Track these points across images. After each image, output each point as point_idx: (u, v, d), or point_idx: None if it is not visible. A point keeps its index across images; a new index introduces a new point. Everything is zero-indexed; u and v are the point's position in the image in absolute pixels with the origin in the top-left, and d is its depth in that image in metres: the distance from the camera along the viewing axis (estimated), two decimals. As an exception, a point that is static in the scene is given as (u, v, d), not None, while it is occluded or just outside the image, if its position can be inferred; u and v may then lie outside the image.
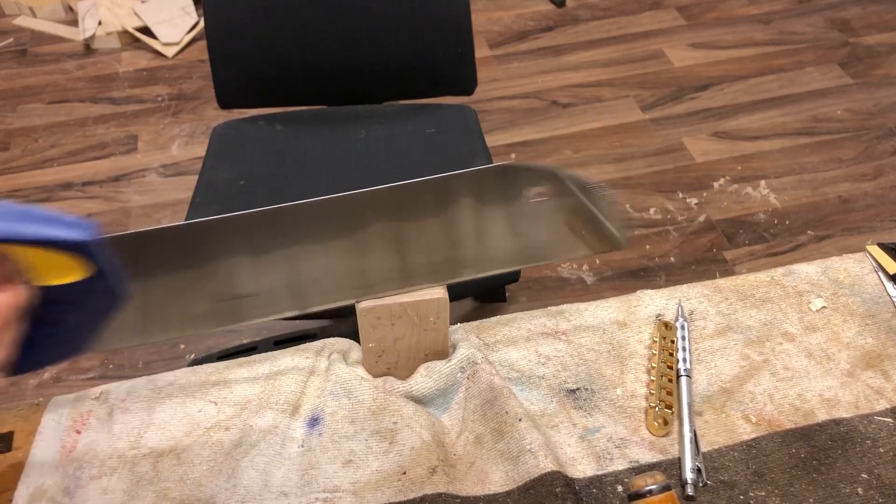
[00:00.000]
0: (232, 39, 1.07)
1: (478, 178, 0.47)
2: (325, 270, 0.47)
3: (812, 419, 0.52)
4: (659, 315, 0.58)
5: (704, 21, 2.16)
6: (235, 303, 0.47)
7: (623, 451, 0.50)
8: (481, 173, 0.47)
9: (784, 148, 1.76)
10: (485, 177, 0.47)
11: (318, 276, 0.48)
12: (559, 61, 2.04)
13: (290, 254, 0.46)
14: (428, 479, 0.49)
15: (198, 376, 0.55)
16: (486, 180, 0.47)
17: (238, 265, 0.46)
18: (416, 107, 1.16)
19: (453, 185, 0.46)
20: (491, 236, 0.49)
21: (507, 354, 0.56)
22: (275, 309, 0.48)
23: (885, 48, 2.03)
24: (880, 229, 1.57)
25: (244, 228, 0.44)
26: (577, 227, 0.50)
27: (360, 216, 0.46)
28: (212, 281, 0.46)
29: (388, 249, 0.48)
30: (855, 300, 0.59)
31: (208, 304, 0.47)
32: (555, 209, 0.49)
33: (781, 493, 0.47)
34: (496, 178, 0.47)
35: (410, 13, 1.07)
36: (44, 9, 2.21)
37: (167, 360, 1.40)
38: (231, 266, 0.45)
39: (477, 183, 0.47)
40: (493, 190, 0.47)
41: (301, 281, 0.47)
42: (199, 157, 1.78)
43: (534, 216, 0.49)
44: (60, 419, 0.52)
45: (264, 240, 0.45)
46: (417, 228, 0.47)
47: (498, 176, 0.47)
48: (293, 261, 0.46)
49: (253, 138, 1.11)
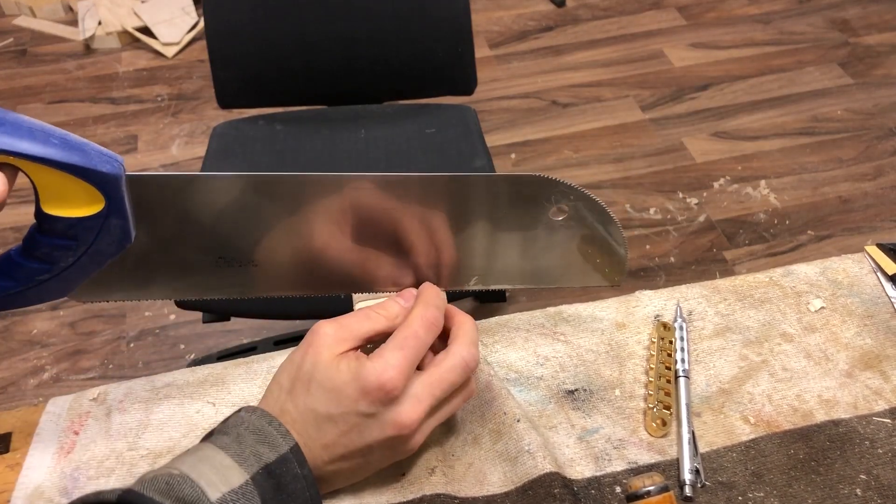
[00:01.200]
0: (232, 39, 1.07)
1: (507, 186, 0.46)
2: (333, 256, 0.47)
3: (811, 420, 0.52)
4: (657, 315, 0.58)
5: (704, 21, 2.16)
6: (239, 272, 0.46)
7: (621, 452, 0.50)
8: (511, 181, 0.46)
9: (784, 148, 1.76)
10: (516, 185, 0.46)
11: (325, 261, 0.47)
12: (559, 61, 2.04)
13: (304, 230, 0.45)
14: (427, 480, 0.49)
15: (196, 377, 0.55)
16: (516, 188, 0.46)
17: (248, 231, 0.44)
18: (416, 107, 1.16)
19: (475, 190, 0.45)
20: (505, 247, 0.49)
21: (505, 355, 0.56)
22: (278, 286, 0.48)
23: (885, 48, 2.03)
24: (880, 229, 1.57)
25: (262, 192, 0.43)
26: (591, 257, 0.50)
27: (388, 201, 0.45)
28: (220, 244, 0.45)
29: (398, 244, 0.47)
30: (854, 301, 0.59)
31: (213, 267, 0.45)
32: (575, 234, 0.48)
33: (780, 493, 0.47)
34: (524, 187, 0.46)
35: (410, 13, 1.07)
36: (44, 9, 2.21)
37: (167, 360, 1.40)
38: (242, 231, 0.44)
39: (502, 191, 0.46)
40: (516, 202, 0.46)
41: (308, 262, 0.47)
42: (199, 157, 1.78)
43: (552, 235, 0.48)
44: (58, 420, 0.52)
45: (280, 209, 0.44)
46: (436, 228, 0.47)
47: (527, 186, 0.46)
48: (305, 239, 0.45)
49: (253, 138, 1.11)
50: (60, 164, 0.34)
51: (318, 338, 0.44)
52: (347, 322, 0.45)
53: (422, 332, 0.44)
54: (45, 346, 1.42)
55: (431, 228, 0.47)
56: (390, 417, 0.42)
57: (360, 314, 0.46)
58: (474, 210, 0.46)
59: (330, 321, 0.44)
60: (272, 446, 0.41)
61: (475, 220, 0.47)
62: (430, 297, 0.46)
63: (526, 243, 0.49)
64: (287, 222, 0.45)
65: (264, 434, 0.41)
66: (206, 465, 0.39)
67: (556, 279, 0.51)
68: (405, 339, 0.43)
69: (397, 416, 0.42)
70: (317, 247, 0.46)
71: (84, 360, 1.40)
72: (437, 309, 0.45)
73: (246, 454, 0.40)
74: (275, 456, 0.40)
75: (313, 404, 0.42)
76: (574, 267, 0.50)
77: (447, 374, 0.44)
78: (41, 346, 1.42)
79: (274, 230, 0.45)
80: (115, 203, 0.37)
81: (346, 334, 0.44)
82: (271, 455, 0.40)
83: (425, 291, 0.47)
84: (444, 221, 0.46)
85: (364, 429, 0.42)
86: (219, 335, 1.43)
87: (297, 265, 0.47)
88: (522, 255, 0.49)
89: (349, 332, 0.44)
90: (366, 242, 0.46)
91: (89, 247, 0.38)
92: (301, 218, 0.44)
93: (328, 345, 0.43)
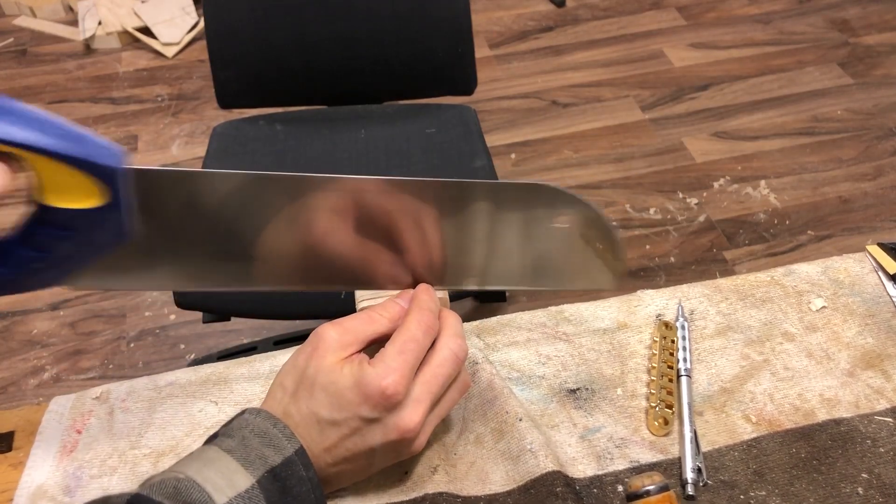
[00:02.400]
0: (232, 39, 1.07)
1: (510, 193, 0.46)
2: (334, 252, 0.47)
3: (812, 419, 0.52)
4: (659, 315, 0.58)
5: (704, 21, 2.16)
6: (241, 266, 0.46)
7: (623, 451, 0.50)
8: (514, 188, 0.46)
9: (784, 148, 1.76)
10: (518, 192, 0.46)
11: (327, 257, 0.47)
12: (559, 61, 2.04)
13: (306, 227, 0.45)
14: (429, 479, 0.49)
15: (198, 376, 0.55)
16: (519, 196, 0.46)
17: (249, 226, 0.44)
18: (416, 107, 1.16)
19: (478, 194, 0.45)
20: (504, 251, 0.49)
21: (507, 354, 0.56)
22: (278, 280, 0.48)
23: (885, 48, 2.03)
24: (880, 229, 1.57)
25: (266, 190, 0.43)
26: (590, 261, 0.49)
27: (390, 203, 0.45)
28: (222, 238, 0.45)
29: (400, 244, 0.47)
30: (855, 300, 0.59)
31: (213, 261, 0.45)
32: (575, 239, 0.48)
33: (782, 492, 0.47)
34: (527, 195, 0.46)
35: (410, 13, 1.07)
36: (44, 9, 2.21)
37: (167, 360, 1.40)
38: (243, 226, 0.44)
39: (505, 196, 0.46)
40: (519, 205, 0.46)
41: (310, 258, 0.47)
42: (199, 157, 1.78)
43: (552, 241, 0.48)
44: (61, 419, 0.52)
45: (283, 206, 0.44)
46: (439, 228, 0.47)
47: (529, 193, 0.46)
48: (307, 235, 0.45)
49: (253, 138, 1.11)
50: (59, 154, 0.33)
51: (322, 342, 0.44)
52: (351, 325, 0.45)
53: (420, 335, 0.44)
54: (45, 346, 1.42)
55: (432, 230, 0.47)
56: (393, 422, 0.42)
57: (363, 317, 0.46)
58: (474, 213, 0.47)
59: (333, 324, 0.44)
60: (277, 449, 0.41)
61: (475, 223, 0.47)
62: (425, 302, 0.46)
63: (526, 246, 0.49)
64: (289, 219, 0.45)
65: (269, 437, 0.41)
66: (212, 470, 0.39)
67: (556, 282, 0.51)
68: (405, 344, 0.43)
69: (400, 421, 0.42)
70: (318, 243, 0.46)
71: (84, 360, 1.40)
72: (433, 313, 0.46)
73: (251, 457, 0.40)
74: (280, 459, 0.40)
75: (316, 408, 0.42)
76: (573, 270, 0.50)
77: (439, 368, 0.44)
78: (41, 346, 1.42)
79: (276, 226, 0.45)
80: (116, 196, 0.36)
81: (349, 338, 0.44)
82: (276, 458, 0.40)
83: (420, 295, 0.47)
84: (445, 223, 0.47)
85: (367, 433, 0.42)
86: (219, 335, 1.43)
87: (299, 260, 0.47)
88: (522, 257, 0.49)
89: (353, 335, 0.44)
90: (367, 241, 0.47)
91: (87, 238, 0.38)
92: (303, 216, 0.45)
93: (332, 349, 0.43)
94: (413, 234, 0.47)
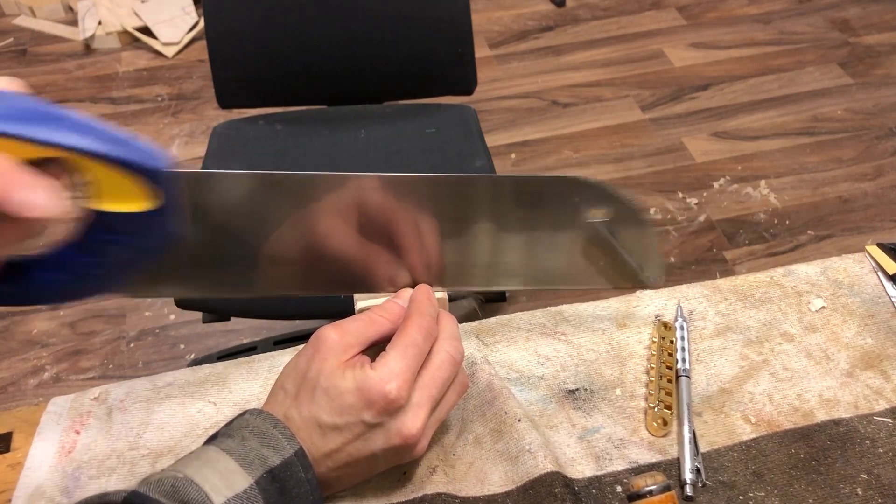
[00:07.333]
0: (232, 39, 1.07)
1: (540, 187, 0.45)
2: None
3: (811, 419, 0.52)
4: (658, 315, 0.58)
5: (704, 21, 2.16)
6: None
7: (622, 452, 0.50)
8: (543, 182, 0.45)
9: (784, 148, 1.76)
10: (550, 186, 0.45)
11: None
12: (559, 61, 2.04)
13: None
14: (428, 479, 0.49)
15: (197, 376, 0.55)
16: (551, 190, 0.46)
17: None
18: (416, 107, 1.16)
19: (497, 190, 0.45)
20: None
21: (506, 354, 0.56)
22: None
23: (885, 48, 2.03)
24: (880, 229, 1.57)
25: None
26: (620, 259, 0.49)
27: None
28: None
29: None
30: (854, 300, 0.59)
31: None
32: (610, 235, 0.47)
33: (781, 493, 0.47)
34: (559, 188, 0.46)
35: (410, 13, 1.07)
36: (44, 9, 2.21)
37: (167, 360, 1.40)
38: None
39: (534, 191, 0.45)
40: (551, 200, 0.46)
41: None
42: (199, 156, 1.78)
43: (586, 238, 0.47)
44: (59, 419, 0.52)
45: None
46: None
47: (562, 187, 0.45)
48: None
49: (253, 138, 1.11)
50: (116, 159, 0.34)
51: (323, 344, 0.43)
52: (352, 327, 0.44)
53: (420, 340, 0.44)
54: (45, 346, 1.42)
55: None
56: (395, 427, 0.42)
57: (364, 318, 0.46)
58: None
59: (334, 326, 0.44)
60: (277, 450, 0.41)
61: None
62: (424, 306, 0.46)
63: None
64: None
65: (269, 437, 0.41)
66: (211, 470, 0.39)
67: (591, 280, 0.50)
68: (405, 348, 0.43)
69: (402, 426, 0.42)
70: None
71: (84, 359, 1.40)
72: (432, 317, 0.46)
73: (250, 458, 0.40)
74: (279, 460, 0.40)
75: (317, 412, 0.42)
76: (608, 268, 0.49)
77: (437, 371, 0.44)
78: (41, 346, 1.42)
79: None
80: (166, 199, 0.36)
81: (351, 340, 0.44)
82: (276, 459, 0.40)
83: (418, 299, 0.46)
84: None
85: (369, 438, 0.42)
86: (219, 335, 1.43)
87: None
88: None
89: (354, 337, 0.44)
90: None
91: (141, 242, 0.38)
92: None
93: (333, 351, 0.43)
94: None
